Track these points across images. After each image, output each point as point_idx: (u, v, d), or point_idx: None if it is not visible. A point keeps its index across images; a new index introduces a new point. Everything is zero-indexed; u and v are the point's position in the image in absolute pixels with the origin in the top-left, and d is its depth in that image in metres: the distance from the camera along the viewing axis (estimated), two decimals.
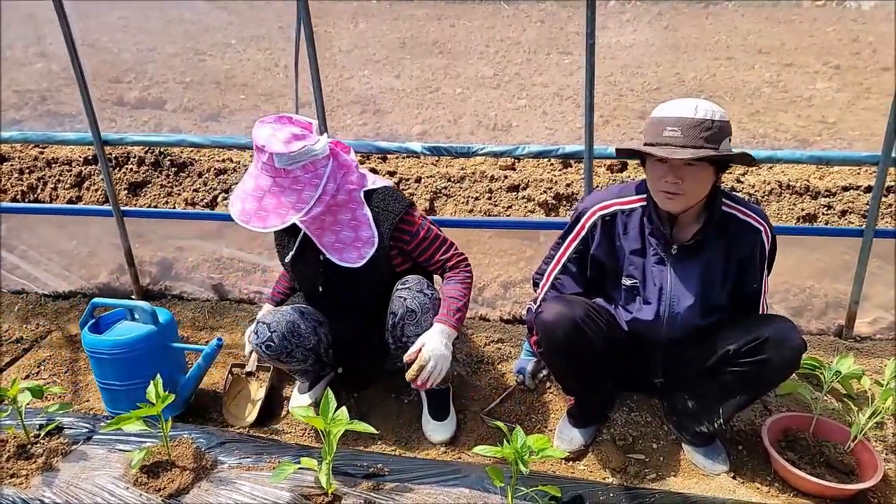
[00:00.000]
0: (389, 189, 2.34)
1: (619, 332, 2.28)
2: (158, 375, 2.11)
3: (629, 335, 2.29)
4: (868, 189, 3.76)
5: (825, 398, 2.38)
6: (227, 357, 2.83)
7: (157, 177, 4.14)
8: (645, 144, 2.03)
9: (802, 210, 3.74)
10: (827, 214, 3.73)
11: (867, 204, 3.69)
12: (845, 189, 3.79)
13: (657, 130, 1.99)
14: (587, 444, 2.43)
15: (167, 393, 1.99)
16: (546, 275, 2.43)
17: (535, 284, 2.51)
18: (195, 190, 4.06)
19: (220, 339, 2.42)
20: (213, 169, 4.12)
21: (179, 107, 5.90)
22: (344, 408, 1.99)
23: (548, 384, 2.71)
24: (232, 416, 2.63)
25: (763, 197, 3.81)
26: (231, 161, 4.18)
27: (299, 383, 2.67)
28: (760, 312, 2.30)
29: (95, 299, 2.56)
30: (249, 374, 2.68)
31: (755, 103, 6.24)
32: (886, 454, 2.38)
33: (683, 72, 7.26)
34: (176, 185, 4.11)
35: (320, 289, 2.40)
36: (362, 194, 2.26)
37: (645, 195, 2.19)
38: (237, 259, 3.50)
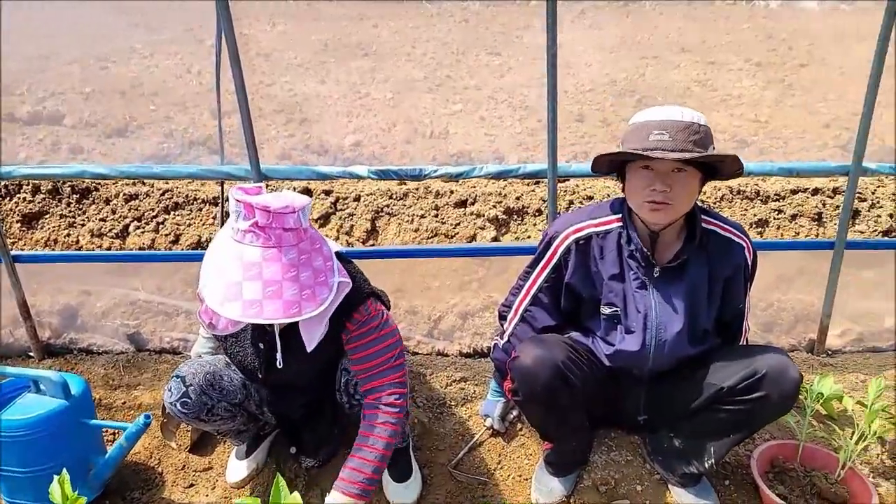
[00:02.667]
0: (350, 265, 1.98)
1: (600, 369, 2.07)
2: (65, 470, 1.72)
3: (610, 369, 2.08)
4: (816, 191, 3.72)
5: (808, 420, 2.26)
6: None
7: (57, 206, 3.64)
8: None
9: (755, 215, 3.67)
10: (778, 219, 3.67)
11: (816, 206, 3.65)
12: (794, 192, 3.75)
13: (642, 135, 1.81)
14: (568, 495, 2.21)
15: (76, 494, 1.61)
16: (515, 307, 2.21)
17: (503, 318, 2.27)
18: (102, 219, 3.60)
19: (147, 416, 2.04)
20: (122, 194, 3.66)
21: (80, 121, 5.31)
22: (297, 494, 1.67)
23: (519, 426, 2.48)
24: (169, 433, 2.30)
25: (715, 203, 3.72)
26: (143, 184, 3.72)
27: (236, 447, 2.32)
28: (744, 332, 2.18)
29: None
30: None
31: (688, 103, 6.21)
32: (874, 477, 2.27)
33: (613, 72, 7.21)
34: (79, 215, 3.63)
35: (260, 374, 2.03)
36: None
37: (620, 215, 2.01)
38: (156, 302, 3.06)
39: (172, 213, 3.64)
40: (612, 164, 1.99)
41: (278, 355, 1.88)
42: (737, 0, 12.92)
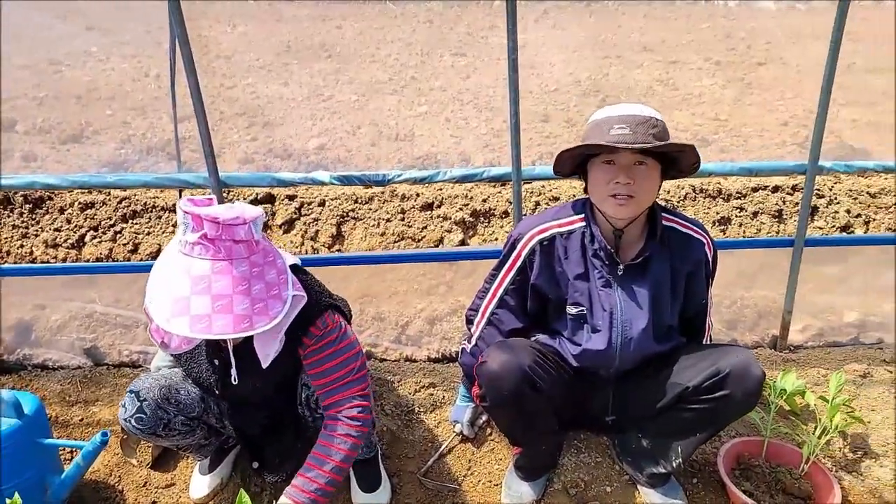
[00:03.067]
0: (307, 277, 1.92)
1: (567, 370, 2.08)
2: (17, 493, 1.65)
3: (577, 370, 2.08)
4: (776, 188, 3.79)
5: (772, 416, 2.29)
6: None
7: (9, 216, 3.51)
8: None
9: (717, 213, 3.72)
10: (740, 216, 3.73)
11: (776, 204, 3.72)
12: (755, 190, 3.81)
13: (603, 130, 1.83)
14: (538, 499, 2.21)
15: None
16: (481, 310, 2.20)
17: (470, 322, 2.26)
18: (56, 229, 3.48)
19: (105, 434, 1.97)
20: (77, 203, 3.55)
21: (33, 127, 5.15)
22: None
23: (489, 431, 2.46)
24: (129, 450, 2.26)
25: (679, 202, 3.76)
26: (100, 192, 3.62)
27: (199, 462, 2.26)
28: (707, 328, 2.21)
29: None
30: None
31: (650, 102, 6.23)
32: (837, 471, 2.32)
33: (577, 72, 7.26)
34: (32, 225, 3.51)
35: (217, 391, 1.97)
36: None
37: (583, 214, 2.03)
38: (113, 315, 2.97)
39: (130, 221, 3.55)
40: (574, 165, 1.99)
41: (233, 371, 1.83)
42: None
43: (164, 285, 1.54)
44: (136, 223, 3.54)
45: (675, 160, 1.91)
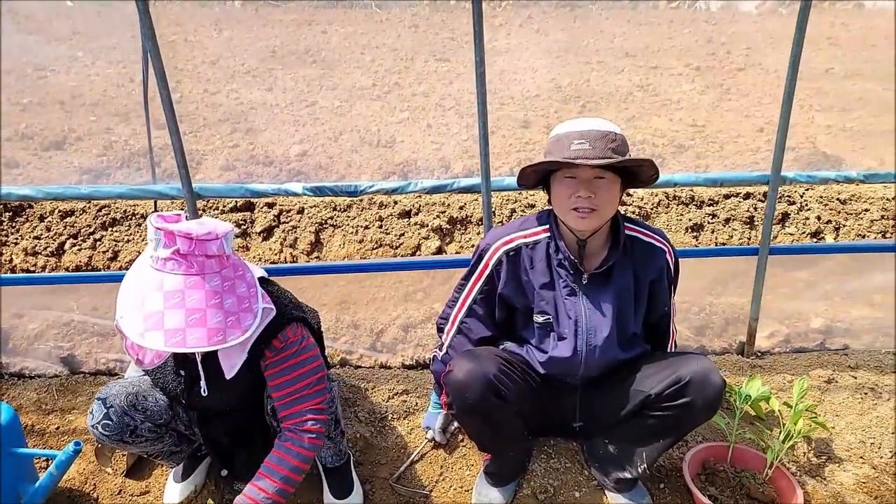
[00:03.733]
0: (273, 288, 1.95)
1: (534, 377, 2.13)
2: None
3: (544, 377, 2.13)
4: (747, 196, 3.86)
5: (737, 422, 2.34)
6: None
7: None
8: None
9: (690, 220, 3.78)
10: (712, 223, 3.79)
11: (748, 210, 3.78)
12: (726, 197, 3.88)
13: (564, 145, 1.89)
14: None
15: None
16: (451, 319, 2.24)
17: (440, 330, 2.31)
18: (36, 237, 3.50)
19: (77, 443, 1.99)
20: (57, 211, 3.57)
21: (16, 134, 5.15)
22: None
23: (460, 437, 2.50)
24: (104, 458, 2.28)
25: (652, 209, 3.82)
26: (79, 200, 3.63)
27: (173, 470, 2.29)
28: (671, 335, 2.27)
29: None
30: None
31: (630, 108, 6.38)
32: (801, 476, 2.37)
33: (559, 77, 7.33)
34: (12, 233, 3.52)
35: (183, 400, 2.00)
36: None
37: (548, 225, 2.08)
38: (91, 323, 2.99)
39: (110, 229, 3.57)
40: (537, 178, 2.04)
41: (202, 383, 1.86)
42: (679, 4, 13.29)
43: (137, 301, 1.56)
44: (116, 231, 3.56)
45: (635, 173, 1.96)
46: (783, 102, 2.38)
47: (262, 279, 1.86)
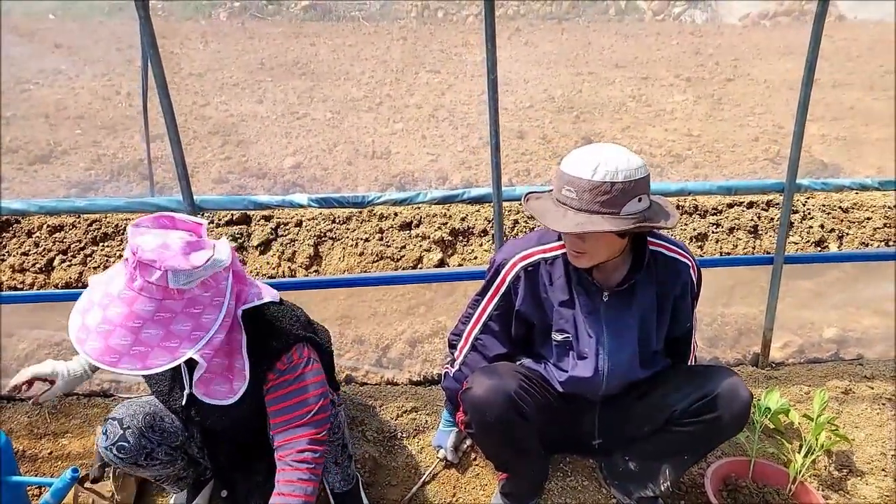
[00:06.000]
0: (282, 308, 1.85)
1: (553, 395, 2.05)
2: None
3: (563, 395, 2.05)
4: (751, 205, 3.83)
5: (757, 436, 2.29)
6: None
7: None
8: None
9: (694, 230, 3.74)
10: (717, 232, 3.75)
11: (752, 220, 3.75)
12: (730, 206, 3.84)
13: (558, 186, 1.79)
14: None
15: None
16: (465, 336, 2.16)
17: (452, 346, 2.22)
18: (24, 253, 3.37)
19: (75, 470, 1.88)
20: (46, 226, 3.45)
21: None
22: None
23: (473, 456, 2.42)
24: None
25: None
26: (69, 214, 3.52)
27: (174, 495, 2.18)
28: (692, 350, 2.20)
29: None
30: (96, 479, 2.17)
31: (624, 118, 6.38)
32: (823, 490, 2.31)
33: (551, 88, 7.33)
34: None
35: (183, 418, 1.92)
36: (241, 311, 1.71)
37: None
38: None
39: (101, 244, 3.45)
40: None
41: (185, 395, 1.79)
42: (665, 17, 13.41)
43: (96, 284, 1.56)
44: (108, 246, 3.44)
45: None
46: (798, 109, 2.35)
47: (272, 303, 1.77)
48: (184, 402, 1.82)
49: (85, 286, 3.26)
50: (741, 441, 2.31)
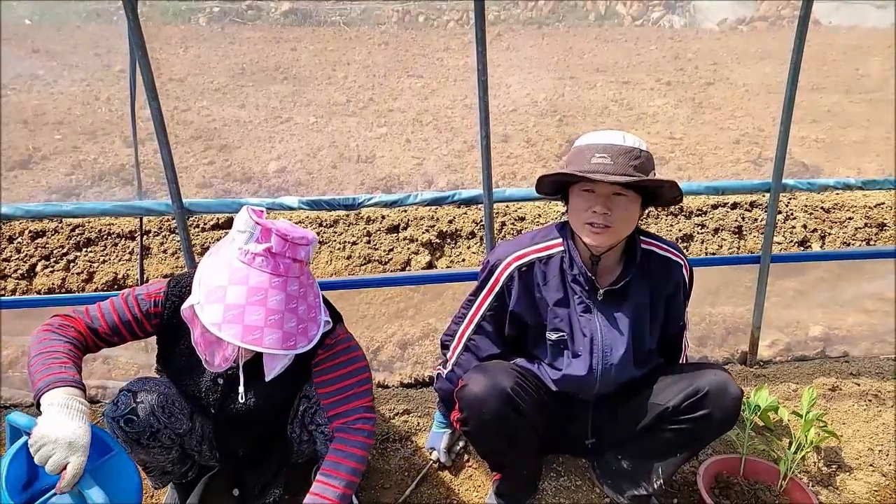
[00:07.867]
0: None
1: (546, 394, 2.05)
2: None
3: (556, 395, 2.05)
4: (735, 205, 3.88)
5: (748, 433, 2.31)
6: None
7: None
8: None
9: (680, 230, 3.78)
10: (702, 233, 3.79)
11: (736, 220, 3.80)
12: (714, 207, 3.89)
13: (585, 157, 1.82)
14: None
15: None
16: (458, 336, 2.15)
17: (445, 347, 2.21)
18: (6, 259, 3.31)
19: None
20: (27, 231, 3.39)
21: None
22: None
23: (466, 457, 2.41)
24: None
25: (643, 219, 3.81)
26: (51, 219, 3.46)
27: (167, 496, 2.14)
28: (684, 349, 2.21)
29: None
30: None
31: (606, 122, 6.43)
32: (813, 486, 2.34)
33: (533, 92, 7.37)
34: None
35: (213, 409, 1.90)
36: None
37: (561, 239, 2.00)
38: None
39: (84, 249, 3.40)
40: (555, 186, 1.98)
41: (241, 388, 1.74)
42: (644, 22, 13.56)
43: (218, 291, 1.53)
44: (91, 251, 3.40)
45: (656, 193, 1.90)
46: (783, 110, 2.38)
47: None
48: (221, 382, 1.83)
49: (69, 291, 3.22)
50: (732, 438, 2.33)
